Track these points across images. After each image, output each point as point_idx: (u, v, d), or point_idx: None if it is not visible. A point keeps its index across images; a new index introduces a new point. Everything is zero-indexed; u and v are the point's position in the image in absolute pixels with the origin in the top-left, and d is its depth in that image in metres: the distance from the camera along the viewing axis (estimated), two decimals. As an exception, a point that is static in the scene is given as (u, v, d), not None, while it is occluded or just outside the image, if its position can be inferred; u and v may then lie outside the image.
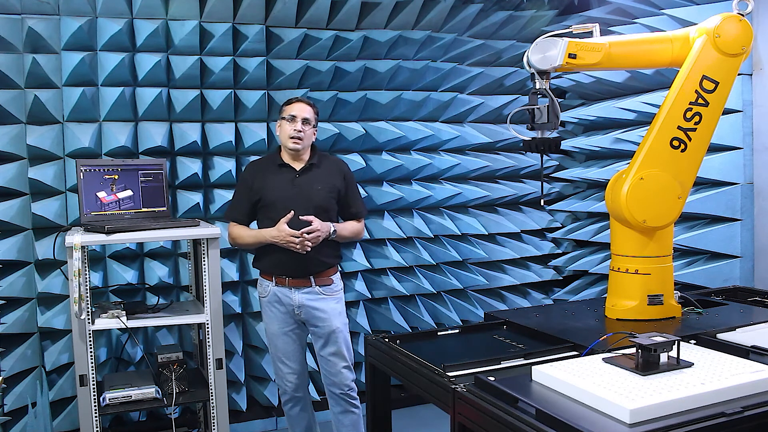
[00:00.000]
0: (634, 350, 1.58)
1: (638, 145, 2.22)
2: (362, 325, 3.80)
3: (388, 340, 2.07)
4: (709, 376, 1.50)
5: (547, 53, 2.11)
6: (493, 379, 1.59)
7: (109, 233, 2.69)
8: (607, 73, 3.65)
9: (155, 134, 3.36)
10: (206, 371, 2.92)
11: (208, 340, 2.85)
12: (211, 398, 2.89)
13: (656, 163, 2.16)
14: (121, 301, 3.00)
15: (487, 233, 4.13)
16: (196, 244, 3.03)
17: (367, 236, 3.78)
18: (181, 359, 2.93)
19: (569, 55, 2.10)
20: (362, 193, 3.56)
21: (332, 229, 2.82)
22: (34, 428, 2.97)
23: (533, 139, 2.19)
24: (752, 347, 1.74)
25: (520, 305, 4.16)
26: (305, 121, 2.83)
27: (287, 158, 2.90)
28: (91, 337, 2.69)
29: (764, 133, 3.12)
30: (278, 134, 2.92)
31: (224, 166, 3.49)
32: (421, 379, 1.82)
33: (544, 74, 2.15)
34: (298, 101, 2.88)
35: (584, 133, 4.13)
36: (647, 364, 1.54)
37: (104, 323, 2.75)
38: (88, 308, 2.67)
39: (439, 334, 2.18)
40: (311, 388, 3.49)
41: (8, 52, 3.11)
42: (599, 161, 3.99)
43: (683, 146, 2.16)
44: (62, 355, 3.25)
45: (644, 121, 3.52)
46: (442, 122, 4.04)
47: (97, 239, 2.69)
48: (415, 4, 3.64)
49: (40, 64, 3.12)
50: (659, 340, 1.55)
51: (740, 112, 3.14)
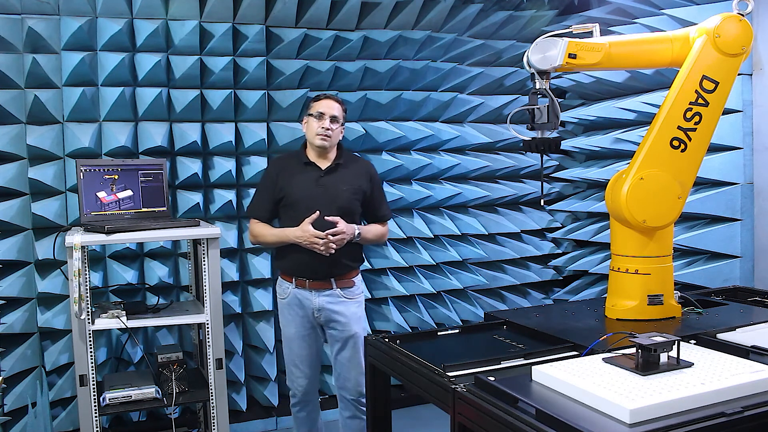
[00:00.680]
0: (634, 350, 1.57)
1: (638, 145, 2.22)
2: (362, 325, 3.81)
3: (388, 340, 2.06)
4: (709, 376, 1.50)
5: (547, 53, 2.11)
6: (493, 379, 1.58)
7: (109, 233, 2.69)
8: (607, 73, 3.65)
9: (155, 134, 3.36)
10: (206, 371, 2.93)
11: (208, 340, 2.85)
12: (211, 398, 2.89)
13: (656, 163, 2.16)
14: (121, 301, 3.00)
15: (487, 233, 4.13)
16: (196, 244, 3.03)
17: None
18: (181, 359, 2.93)
19: (569, 55, 2.10)
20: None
21: (357, 231, 2.77)
22: (34, 428, 2.97)
23: (533, 139, 2.18)
24: (752, 347, 1.74)
25: (520, 305, 4.17)
26: (333, 118, 2.79)
27: (313, 156, 2.85)
28: (91, 337, 2.69)
29: (764, 133, 3.12)
30: (305, 131, 2.87)
31: (224, 166, 3.49)
32: (421, 379, 1.81)
33: (544, 74, 2.14)
34: (326, 98, 2.83)
35: (584, 133, 4.13)
36: (647, 364, 1.54)
37: (104, 323, 2.75)
38: (88, 308, 2.67)
39: (439, 334, 2.17)
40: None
41: (8, 52, 3.11)
42: (599, 161, 3.99)
43: (683, 146, 2.16)
44: (62, 355, 3.25)
45: (644, 121, 3.52)
46: (442, 122, 4.04)
47: (97, 239, 2.69)
48: (415, 4, 3.64)
49: (40, 64, 3.12)
50: (659, 340, 1.55)
51: (740, 112, 3.14)
